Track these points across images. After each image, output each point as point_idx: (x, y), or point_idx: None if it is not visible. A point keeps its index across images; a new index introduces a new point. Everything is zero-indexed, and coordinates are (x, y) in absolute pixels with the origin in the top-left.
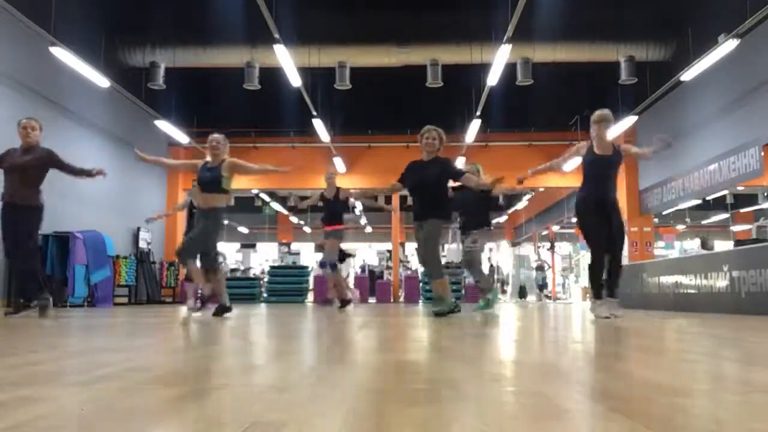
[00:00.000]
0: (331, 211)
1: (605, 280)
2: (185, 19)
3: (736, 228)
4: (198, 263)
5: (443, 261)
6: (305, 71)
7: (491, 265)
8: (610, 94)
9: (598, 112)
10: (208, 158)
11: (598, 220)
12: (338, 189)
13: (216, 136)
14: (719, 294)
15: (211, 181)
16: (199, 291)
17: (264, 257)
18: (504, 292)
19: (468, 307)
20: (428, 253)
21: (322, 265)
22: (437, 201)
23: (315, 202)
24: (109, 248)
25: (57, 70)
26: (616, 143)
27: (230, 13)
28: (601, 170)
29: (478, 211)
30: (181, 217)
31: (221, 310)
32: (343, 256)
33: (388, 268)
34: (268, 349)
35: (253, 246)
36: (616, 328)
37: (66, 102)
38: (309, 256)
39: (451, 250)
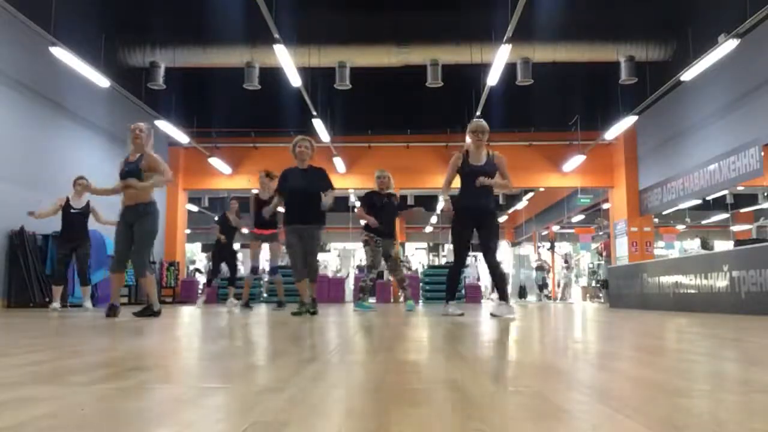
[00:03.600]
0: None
1: (494, 285)
2: (185, 19)
3: (736, 228)
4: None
5: (444, 261)
6: (305, 71)
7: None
8: (610, 94)
9: (473, 123)
10: (131, 150)
11: (467, 229)
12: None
13: (141, 124)
14: (719, 294)
15: (129, 174)
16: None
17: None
18: None
19: (467, 307)
20: (314, 257)
21: (255, 270)
22: (317, 207)
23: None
24: (109, 248)
25: (57, 70)
26: (491, 152)
27: (230, 13)
28: (474, 181)
29: (394, 221)
30: (182, 216)
31: (149, 313)
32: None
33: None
34: (268, 349)
35: None
36: (616, 328)
37: (66, 102)
38: None
39: (451, 251)
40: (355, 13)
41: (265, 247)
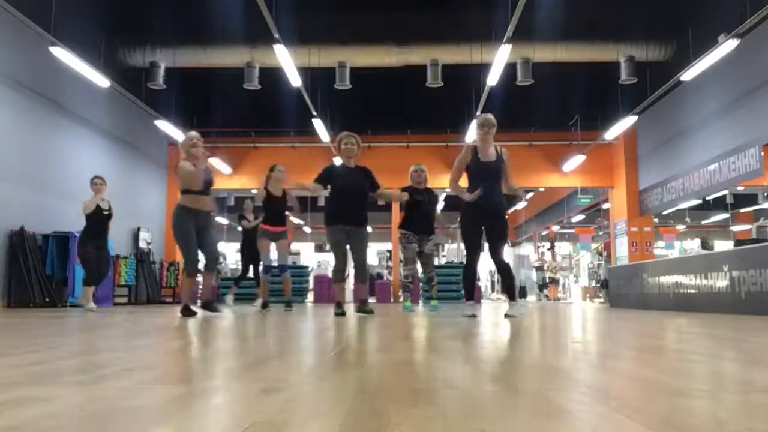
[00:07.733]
0: (281, 209)
1: (501, 284)
2: (185, 19)
3: (736, 228)
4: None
5: (444, 261)
6: (305, 71)
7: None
8: (610, 94)
9: (481, 117)
10: (200, 159)
11: (477, 227)
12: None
13: (195, 133)
14: (719, 294)
15: (210, 183)
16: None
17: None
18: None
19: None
20: (364, 259)
21: (268, 269)
22: (364, 208)
23: (261, 198)
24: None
25: (57, 70)
26: (499, 148)
27: (230, 13)
28: (485, 177)
29: (430, 216)
30: None
31: (214, 308)
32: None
33: (388, 268)
34: (267, 349)
35: None
36: (616, 328)
37: (66, 102)
38: (309, 256)
39: (451, 250)
40: (355, 13)
41: (273, 246)
